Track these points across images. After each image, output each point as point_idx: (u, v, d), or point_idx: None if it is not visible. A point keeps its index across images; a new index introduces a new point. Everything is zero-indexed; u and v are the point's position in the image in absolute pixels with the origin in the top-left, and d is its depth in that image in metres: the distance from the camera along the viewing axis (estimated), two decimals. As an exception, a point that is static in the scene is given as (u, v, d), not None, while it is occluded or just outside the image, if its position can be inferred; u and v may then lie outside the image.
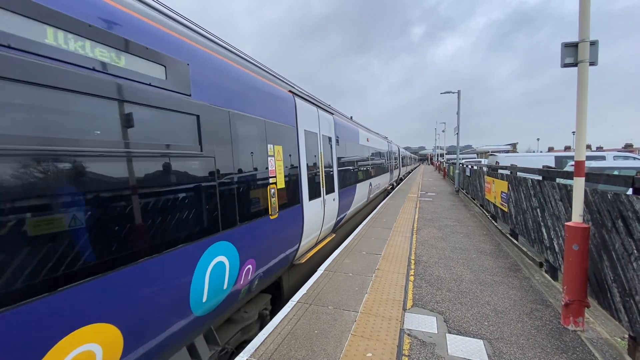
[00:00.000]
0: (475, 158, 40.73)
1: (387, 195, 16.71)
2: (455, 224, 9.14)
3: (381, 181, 14.86)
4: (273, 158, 4.31)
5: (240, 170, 3.48)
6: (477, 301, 4.29)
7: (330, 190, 6.83)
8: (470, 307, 4.12)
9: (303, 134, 5.48)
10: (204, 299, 2.89)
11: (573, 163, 3.76)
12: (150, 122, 2.42)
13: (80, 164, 1.89)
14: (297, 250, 5.15)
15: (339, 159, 7.81)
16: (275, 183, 4.31)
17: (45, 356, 1.67)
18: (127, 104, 2.21)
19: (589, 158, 11.84)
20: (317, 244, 6.43)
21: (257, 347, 3.29)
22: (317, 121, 6.39)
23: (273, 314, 4.56)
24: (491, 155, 22.07)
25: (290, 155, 4.88)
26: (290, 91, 5.23)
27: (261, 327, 4.29)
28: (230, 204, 3.27)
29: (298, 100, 5.42)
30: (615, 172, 8.68)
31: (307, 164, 5.54)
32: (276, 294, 5.05)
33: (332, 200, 6.88)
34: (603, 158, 13.35)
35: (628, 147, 43.39)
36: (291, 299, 4.38)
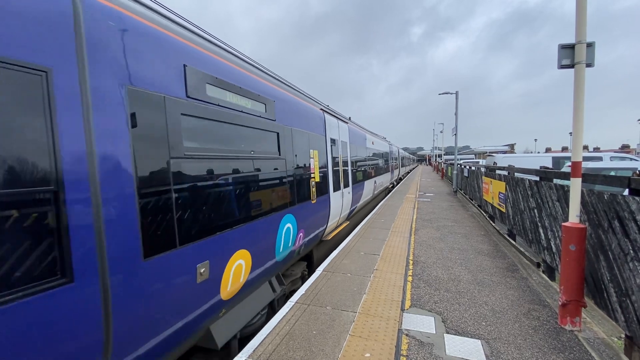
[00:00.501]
0: (473, 159, 40.82)
1: (388, 194, 17.88)
2: (453, 225, 9.17)
3: (383, 179, 16.60)
4: (313, 159, 5.90)
5: (297, 168, 5.15)
6: (475, 301, 4.30)
7: (346, 185, 8.41)
8: (468, 308, 4.13)
9: (329, 141, 7.12)
10: (281, 250, 4.49)
11: (570, 164, 3.78)
12: (262, 137, 4.08)
13: (232, 165, 3.37)
14: (325, 229, 6.74)
15: (352, 160, 9.39)
16: (314, 177, 5.91)
17: (229, 261, 3.22)
18: (253, 128, 3.84)
19: (585, 159, 11.90)
20: (337, 227, 8.02)
21: (256, 348, 3.29)
22: (338, 129, 8.02)
23: (309, 274, 6.17)
24: (489, 156, 22.14)
25: (321, 157, 6.45)
26: (321, 109, 6.95)
27: (303, 281, 5.76)
28: (294, 189, 4.92)
29: (326, 116, 7.16)
30: (612, 173, 8.74)
31: (332, 164, 7.16)
32: (309, 264, 6.56)
33: (347, 193, 8.48)
34: (600, 159, 13.43)
35: (625, 148, 43.64)
36: (289, 300, 4.38)
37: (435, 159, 52.89)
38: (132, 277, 2.15)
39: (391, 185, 22.35)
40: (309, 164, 5.69)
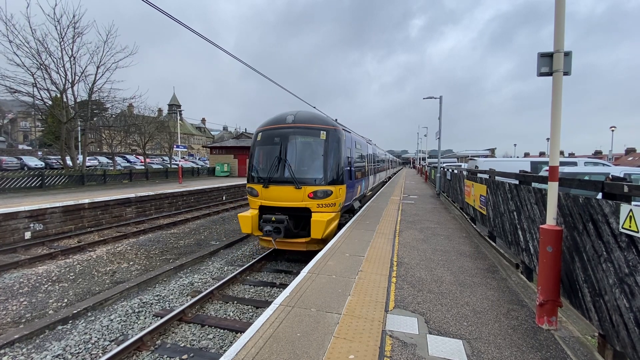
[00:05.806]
0: (455, 162, 41.79)
1: (384, 185, 25.98)
2: (436, 227, 9.33)
3: (382, 174, 25.47)
4: (365, 162, 14.31)
5: (364, 165, 13.90)
6: (456, 302, 4.38)
7: (371, 174, 16.16)
8: (450, 308, 4.20)
9: (368, 154, 15.35)
10: (361, 189, 13.06)
11: (547, 168, 3.91)
12: (360, 154, 13.14)
13: (357, 162, 12.09)
14: (366, 190, 15.02)
15: (373, 162, 17.29)
16: (366, 169, 14.44)
17: (357, 187, 11.80)
18: (359, 152, 13.22)
19: (561, 164, 12.37)
20: (368, 192, 16.15)
21: (238, 351, 3.22)
22: (370, 148, 16.47)
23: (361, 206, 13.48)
24: (471, 159, 22.72)
25: (367, 161, 14.77)
26: (367, 141, 16.43)
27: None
28: (363, 172, 13.55)
29: (368, 144, 16.21)
30: (586, 177, 9.11)
31: (368, 164, 15.18)
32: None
33: (371, 177, 16.31)
34: (575, 164, 13.98)
35: (597, 154, 45.69)
36: (273, 302, 4.33)
37: (420, 162, 53.81)
38: (348, 183, 9.64)
39: (386, 179, 30.82)
40: (366, 164, 14.14)
